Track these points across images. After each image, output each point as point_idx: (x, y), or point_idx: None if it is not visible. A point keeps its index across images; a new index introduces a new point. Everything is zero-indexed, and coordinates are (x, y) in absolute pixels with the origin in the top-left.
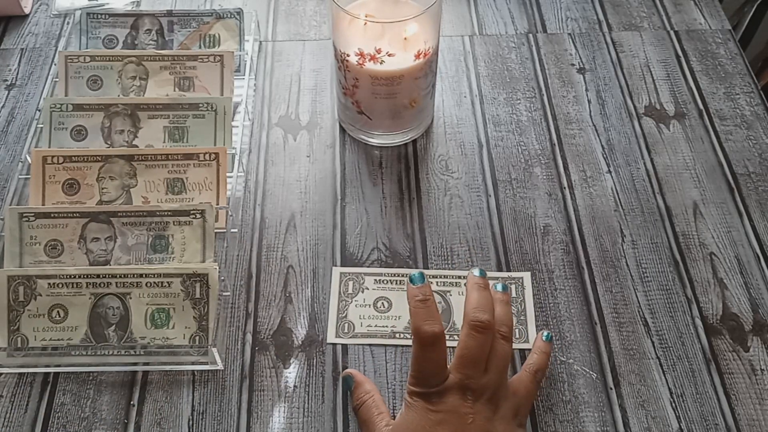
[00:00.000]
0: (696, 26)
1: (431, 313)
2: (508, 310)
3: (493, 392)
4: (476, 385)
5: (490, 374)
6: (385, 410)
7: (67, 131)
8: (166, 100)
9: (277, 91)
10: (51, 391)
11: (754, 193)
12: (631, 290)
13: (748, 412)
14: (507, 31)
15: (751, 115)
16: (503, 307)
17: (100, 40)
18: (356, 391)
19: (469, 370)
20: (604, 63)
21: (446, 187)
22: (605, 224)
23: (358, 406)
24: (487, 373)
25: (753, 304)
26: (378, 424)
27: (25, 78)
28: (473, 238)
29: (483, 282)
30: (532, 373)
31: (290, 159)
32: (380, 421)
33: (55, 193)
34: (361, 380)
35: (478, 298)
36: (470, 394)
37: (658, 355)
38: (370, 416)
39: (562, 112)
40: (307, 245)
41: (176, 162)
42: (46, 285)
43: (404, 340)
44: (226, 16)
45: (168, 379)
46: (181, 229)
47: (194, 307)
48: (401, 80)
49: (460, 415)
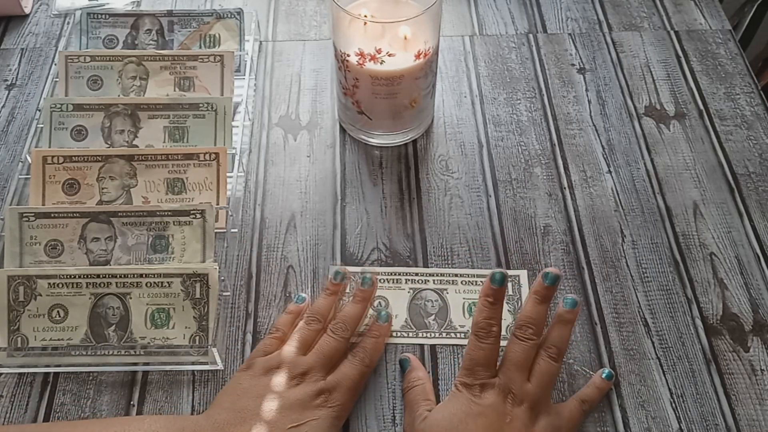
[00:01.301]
0: (696, 26)
1: (495, 313)
2: (565, 332)
3: (533, 403)
4: (518, 390)
5: (533, 385)
6: (432, 399)
7: (67, 131)
8: (166, 100)
9: (277, 91)
10: (51, 391)
11: (754, 193)
12: (631, 290)
13: (748, 413)
14: (507, 31)
15: (751, 115)
16: (561, 328)
17: (100, 40)
18: (409, 374)
19: (513, 373)
20: (604, 63)
21: (446, 187)
22: (605, 224)
23: (407, 388)
24: (530, 384)
25: (753, 305)
26: (421, 406)
27: (25, 78)
28: (473, 238)
29: (544, 295)
30: (579, 401)
31: (290, 159)
32: (424, 405)
33: (55, 193)
34: (417, 366)
35: (531, 310)
36: (511, 398)
37: (658, 355)
38: (416, 399)
39: (562, 112)
40: (307, 245)
41: (176, 162)
42: (46, 285)
43: (401, 338)
44: (226, 16)
45: (168, 379)
46: (181, 229)
47: (194, 307)
48: (401, 80)
49: (499, 413)
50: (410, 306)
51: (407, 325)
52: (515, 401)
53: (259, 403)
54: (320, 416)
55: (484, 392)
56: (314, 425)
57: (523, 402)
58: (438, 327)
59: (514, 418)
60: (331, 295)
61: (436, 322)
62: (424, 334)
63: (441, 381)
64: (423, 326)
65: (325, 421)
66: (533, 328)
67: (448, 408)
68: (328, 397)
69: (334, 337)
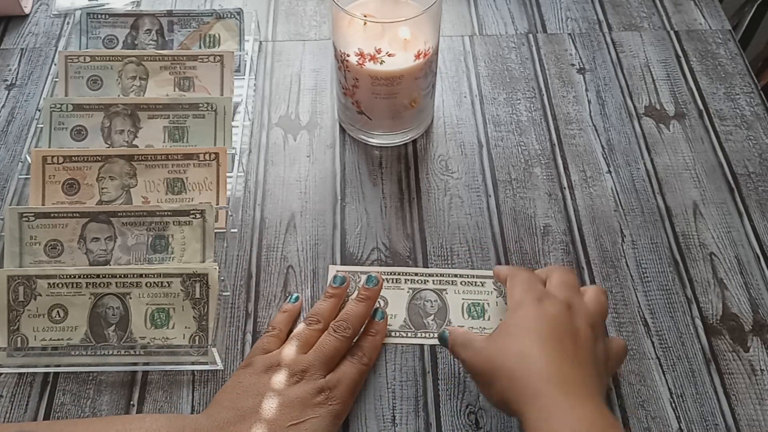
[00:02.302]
0: (696, 26)
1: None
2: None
3: (593, 322)
4: (578, 306)
5: (591, 305)
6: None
7: (67, 131)
8: (166, 100)
9: (277, 91)
10: (51, 391)
11: (754, 193)
12: (631, 290)
13: (748, 413)
14: (507, 31)
15: (751, 115)
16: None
17: (100, 40)
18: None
19: (568, 291)
20: (604, 63)
21: (446, 187)
22: (605, 224)
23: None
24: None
25: (753, 305)
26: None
27: (25, 78)
28: (473, 238)
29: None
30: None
31: (290, 159)
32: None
33: (55, 193)
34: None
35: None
36: (572, 312)
37: (658, 355)
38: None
39: (562, 112)
40: (307, 245)
41: (176, 162)
42: (46, 285)
43: (400, 338)
44: (226, 16)
45: (168, 379)
46: (181, 229)
47: (194, 307)
48: (401, 80)
49: (567, 321)
50: (409, 306)
51: (406, 325)
52: (577, 315)
53: (259, 401)
54: (320, 414)
55: (547, 299)
56: (314, 423)
57: (584, 318)
58: (437, 327)
59: (581, 330)
60: (330, 298)
61: (435, 323)
62: (422, 334)
63: (441, 381)
64: (422, 326)
65: (325, 419)
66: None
67: (514, 318)
68: (328, 395)
69: (336, 337)
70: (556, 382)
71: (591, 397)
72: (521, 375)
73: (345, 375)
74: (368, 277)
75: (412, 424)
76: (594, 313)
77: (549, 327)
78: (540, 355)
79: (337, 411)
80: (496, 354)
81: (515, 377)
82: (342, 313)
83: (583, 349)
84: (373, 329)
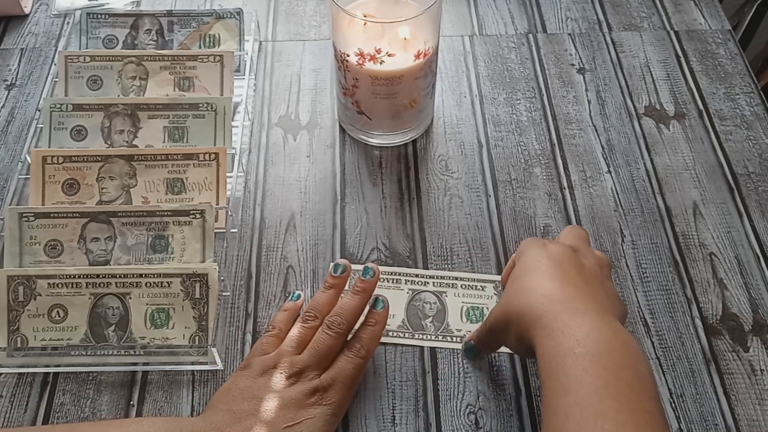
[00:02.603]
0: (696, 26)
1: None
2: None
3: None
4: (584, 251)
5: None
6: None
7: (67, 131)
8: (166, 100)
9: (277, 91)
10: (51, 391)
11: (754, 193)
12: (631, 290)
13: (748, 413)
14: (507, 31)
15: (751, 115)
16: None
17: (100, 40)
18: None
19: (576, 240)
20: (604, 63)
21: (446, 187)
22: (605, 224)
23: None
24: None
25: (753, 305)
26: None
27: (25, 78)
28: (473, 238)
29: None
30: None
31: (290, 159)
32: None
33: (55, 193)
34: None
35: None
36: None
37: (657, 355)
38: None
39: (562, 112)
40: (307, 245)
41: (176, 162)
42: (46, 285)
43: (397, 339)
44: (226, 16)
45: (168, 379)
46: (180, 229)
47: (194, 307)
48: (401, 80)
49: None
50: (408, 307)
51: (404, 326)
52: (583, 256)
53: (255, 404)
54: (315, 414)
55: (551, 244)
56: (309, 424)
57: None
58: (435, 330)
59: (588, 264)
60: (330, 289)
61: (433, 325)
62: (420, 335)
63: (441, 381)
64: (420, 328)
65: (320, 419)
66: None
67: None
68: (323, 395)
69: (329, 334)
70: (559, 300)
71: (597, 311)
72: (528, 306)
73: (341, 372)
74: (365, 268)
75: (412, 424)
76: (601, 258)
77: (552, 262)
78: (543, 284)
79: (333, 409)
80: (506, 302)
81: (523, 311)
82: (336, 307)
83: (589, 277)
84: (372, 319)
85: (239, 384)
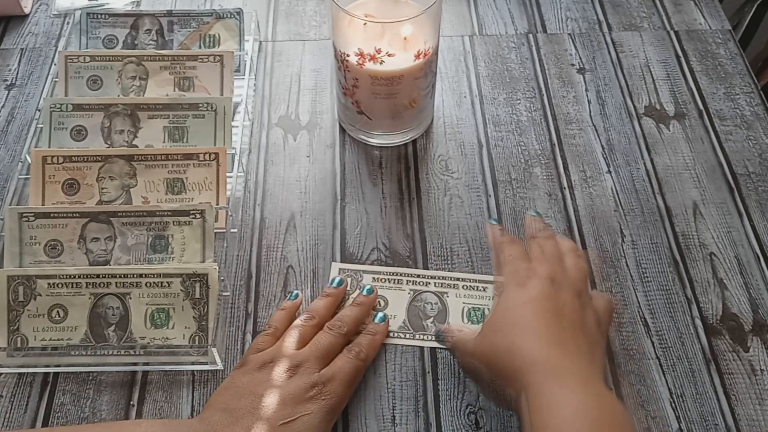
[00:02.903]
0: (696, 26)
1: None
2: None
3: (578, 291)
4: (560, 277)
5: (573, 273)
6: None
7: (67, 131)
8: (166, 100)
9: (277, 91)
10: (51, 391)
11: (754, 193)
12: (631, 290)
13: (748, 413)
14: (507, 31)
15: (751, 115)
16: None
17: (100, 40)
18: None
19: (550, 264)
20: (604, 63)
21: (446, 187)
22: (605, 224)
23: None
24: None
25: (753, 305)
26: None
27: (25, 78)
28: (473, 238)
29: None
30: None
31: (290, 159)
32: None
33: (55, 193)
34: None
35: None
36: (557, 284)
37: (657, 355)
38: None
39: (562, 112)
40: (307, 245)
41: (176, 162)
42: (46, 285)
43: (398, 339)
44: (226, 16)
45: (168, 379)
46: (180, 229)
47: (194, 307)
48: (401, 80)
49: (551, 298)
50: (409, 307)
51: (405, 326)
52: (562, 287)
53: (251, 401)
54: (312, 410)
55: (530, 281)
56: (306, 420)
57: (568, 289)
58: (436, 330)
59: (567, 303)
60: (327, 297)
61: (434, 325)
62: (421, 336)
63: (441, 381)
64: (421, 328)
65: (317, 415)
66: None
67: (501, 307)
68: (321, 390)
69: (331, 333)
70: (544, 372)
71: (582, 380)
72: (511, 369)
73: (340, 369)
74: (363, 287)
75: (412, 424)
76: (576, 280)
77: (533, 314)
78: (526, 347)
79: (330, 406)
80: (486, 353)
81: (506, 374)
82: (337, 315)
83: (571, 326)
84: (372, 329)
85: (237, 381)
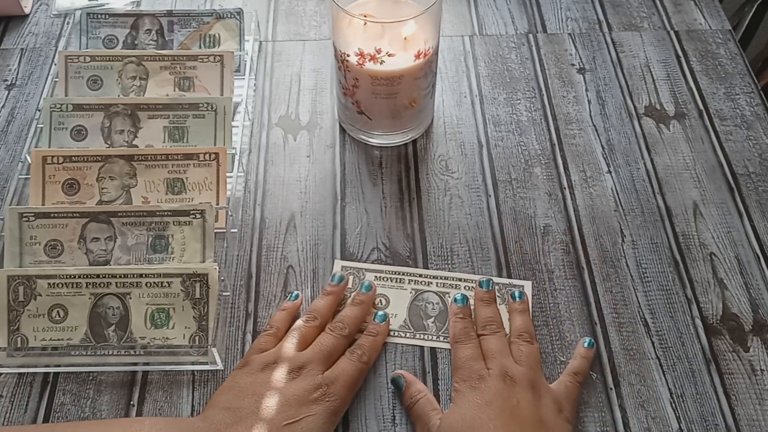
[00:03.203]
0: (696, 26)
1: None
2: (525, 318)
3: (531, 382)
4: (513, 372)
5: (524, 366)
6: (439, 408)
7: (67, 131)
8: (166, 100)
9: (277, 91)
10: (51, 391)
11: (754, 193)
12: (631, 290)
13: (748, 413)
14: (507, 31)
15: (751, 115)
16: (520, 316)
17: (100, 40)
18: (408, 390)
19: (501, 359)
20: (604, 63)
21: (446, 187)
22: (605, 224)
23: (411, 404)
24: (521, 365)
25: (753, 305)
26: (432, 417)
27: (25, 78)
28: (473, 239)
29: (489, 298)
30: (571, 374)
31: (290, 159)
32: (434, 415)
33: (55, 193)
34: (412, 380)
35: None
36: (509, 381)
37: (658, 355)
38: (425, 411)
39: (562, 112)
40: (307, 245)
41: (176, 162)
42: (46, 285)
43: (398, 338)
44: (226, 16)
45: (168, 379)
46: (180, 229)
47: (194, 307)
48: (401, 80)
49: (505, 397)
50: (410, 306)
51: (405, 326)
52: (515, 383)
53: (255, 401)
54: (316, 411)
55: (483, 382)
56: (310, 421)
57: (521, 381)
58: (436, 330)
59: (521, 400)
60: (328, 296)
61: (435, 325)
62: (422, 335)
63: (441, 381)
64: (421, 328)
65: (321, 417)
66: (495, 323)
67: (457, 410)
68: (326, 391)
69: (333, 335)
70: None
71: None
72: None
73: (343, 371)
74: (362, 284)
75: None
76: (529, 370)
77: (489, 418)
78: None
79: (334, 408)
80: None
81: None
82: (338, 315)
83: (530, 423)
84: (373, 330)
85: (239, 381)
